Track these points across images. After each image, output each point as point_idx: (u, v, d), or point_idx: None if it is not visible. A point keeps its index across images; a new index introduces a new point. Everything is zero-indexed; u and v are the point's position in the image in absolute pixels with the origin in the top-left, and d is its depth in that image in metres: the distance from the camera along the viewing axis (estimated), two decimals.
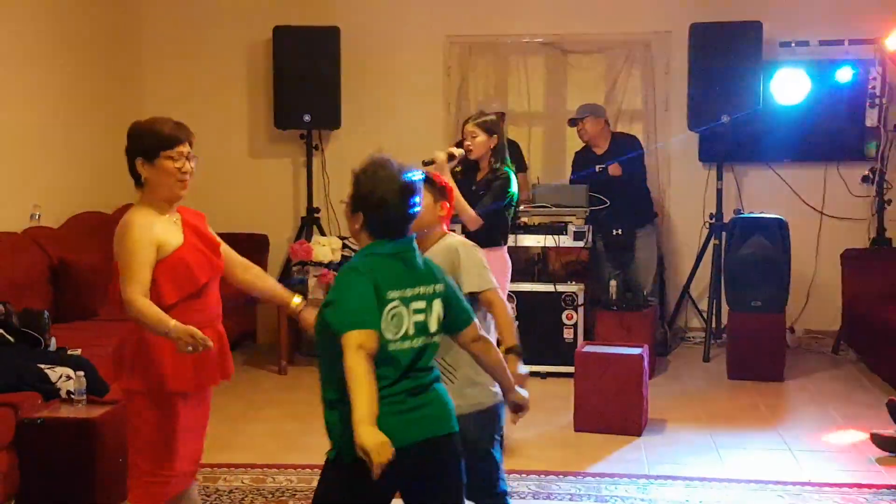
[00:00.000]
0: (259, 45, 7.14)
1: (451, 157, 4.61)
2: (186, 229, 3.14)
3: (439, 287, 2.73)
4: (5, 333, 4.48)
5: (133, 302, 2.95)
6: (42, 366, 4.24)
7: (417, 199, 2.70)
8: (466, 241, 3.39)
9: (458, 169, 4.72)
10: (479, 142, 4.74)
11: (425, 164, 4.69)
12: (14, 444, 3.91)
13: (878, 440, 4.67)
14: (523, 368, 3.14)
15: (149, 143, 3.05)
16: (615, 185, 6.35)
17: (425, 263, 2.75)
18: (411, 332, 2.64)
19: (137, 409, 3.11)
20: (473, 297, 3.14)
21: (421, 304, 2.67)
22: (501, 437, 3.36)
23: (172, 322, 2.91)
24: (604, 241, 6.36)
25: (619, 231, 6.31)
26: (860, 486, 4.30)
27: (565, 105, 7.03)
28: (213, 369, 3.18)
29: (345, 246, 6.21)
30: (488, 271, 3.26)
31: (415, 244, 2.74)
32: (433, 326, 2.70)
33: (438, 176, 3.43)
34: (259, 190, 7.30)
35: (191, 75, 7.28)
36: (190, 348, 2.89)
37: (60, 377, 4.17)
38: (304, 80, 6.75)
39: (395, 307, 2.60)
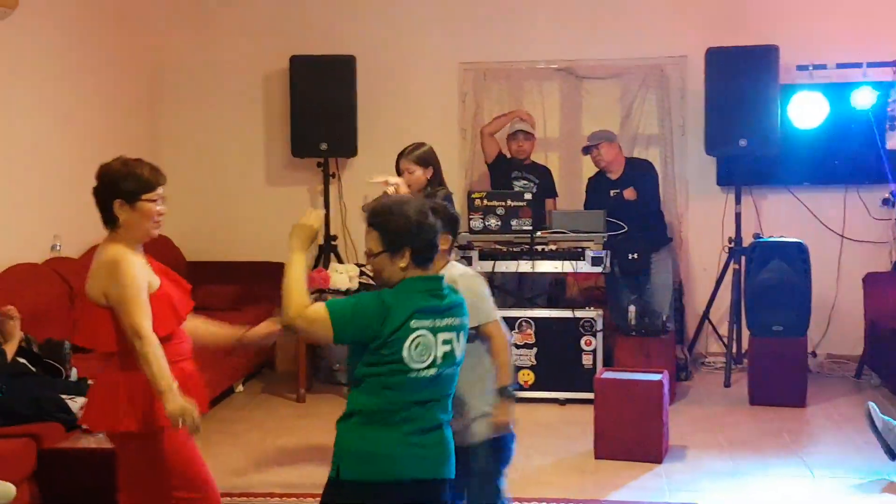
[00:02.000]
0: (276, 75, 7.20)
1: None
2: (156, 271, 3.19)
3: (466, 321, 2.88)
4: (27, 363, 4.50)
5: (151, 340, 2.95)
6: (63, 396, 4.26)
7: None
8: (467, 271, 3.38)
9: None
10: (416, 177, 4.88)
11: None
12: (35, 475, 3.91)
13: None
14: (511, 411, 3.18)
15: (129, 186, 3.10)
16: (630, 209, 6.33)
17: (452, 298, 2.85)
18: (440, 360, 2.74)
19: (157, 447, 3.04)
20: (472, 330, 3.19)
21: (449, 336, 2.77)
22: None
23: (175, 383, 2.91)
24: (619, 266, 6.33)
25: (635, 255, 6.28)
26: None
27: (581, 130, 7.02)
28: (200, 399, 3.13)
29: (362, 273, 6.22)
30: (488, 301, 3.27)
31: (443, 279, 2.84)
32: (459, 356, 2.82)
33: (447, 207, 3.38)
34: (276, 218, 7.26)
35: (208, 105, 7.32)
36: (181, 423, 2.87)
37: (81, 407, 4.17)
38: (321, 109, 6.80)
39: (420, 335, 2.70)
